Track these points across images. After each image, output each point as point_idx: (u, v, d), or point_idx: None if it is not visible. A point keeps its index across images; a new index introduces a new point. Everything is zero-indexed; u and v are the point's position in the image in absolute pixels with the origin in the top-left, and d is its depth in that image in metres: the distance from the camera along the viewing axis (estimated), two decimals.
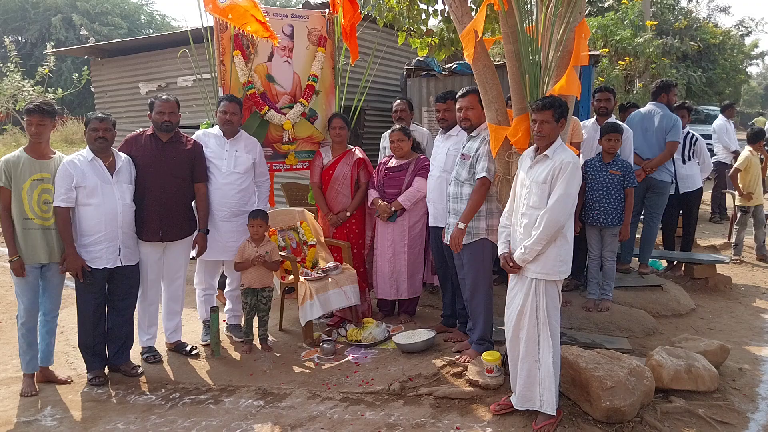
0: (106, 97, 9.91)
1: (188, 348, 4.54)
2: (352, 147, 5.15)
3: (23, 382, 3.96)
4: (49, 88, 15.16)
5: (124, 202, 4.03)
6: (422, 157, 4.99)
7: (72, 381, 4.11)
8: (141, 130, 4.40)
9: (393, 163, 4.96)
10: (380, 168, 5.02)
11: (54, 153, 3.98)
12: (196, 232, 4.44)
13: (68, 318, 4.92)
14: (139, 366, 4.25)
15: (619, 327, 4.81)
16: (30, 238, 3.84)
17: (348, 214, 5.04)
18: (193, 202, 4.45)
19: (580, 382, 3.47)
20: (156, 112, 4.22)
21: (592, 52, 6.17)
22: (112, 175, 3.99)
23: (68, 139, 18.92)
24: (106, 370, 4.16)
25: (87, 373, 4.11)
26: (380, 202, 4.86)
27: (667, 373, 3.64)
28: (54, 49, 13.50)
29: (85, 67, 14.61)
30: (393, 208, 4.81)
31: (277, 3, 35.34)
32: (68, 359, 4.49)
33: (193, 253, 4.51)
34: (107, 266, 4.00)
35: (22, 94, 14.79)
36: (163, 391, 3.97)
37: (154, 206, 4.20)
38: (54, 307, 4.08)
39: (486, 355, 3.79)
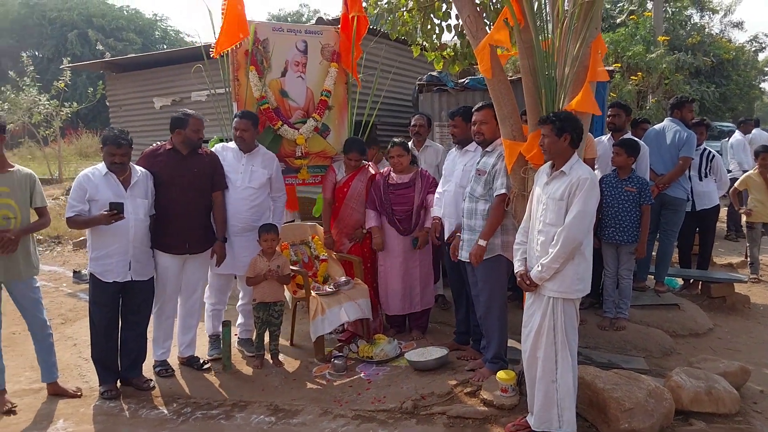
0: (120, 111, 10.00)
1: (201, 362, 4.51)
2: (365, 163, 5.14)
3: None
4: (64, 102, 15.36)
5: (137, 217, 4.00)
6: (424, 171, 4.99)
7: (81, 394, 4.09)
8: (159, 144, 4.41)
9: (396, 179, 4.92)
10: (381, 184, 4.95)
11: (13, 166, 3.86)
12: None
13: (80, 330, 4.92)
14: (151, 380, 4.22)
15: (635, 346, 4.73)
16: None
17: (364, 231, 5.02)
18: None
19: (598, 403, 3.41)
20: (192, 129, 4.22)
21: (606, 68, 6.14)
22: (126, 190, 3.99)
23: (83, 152, 19.13)
24: (119, 384, 4.14)
25: (99, 386, 4.09)
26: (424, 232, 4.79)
27: (687, 394, 3.56)
28: (70, 64, 13.67)
29: (100, 82, 14.80)
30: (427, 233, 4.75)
31: (288, 19, 35.73)
32: (80, 372, 4.48)
33: (213, 263, 4.51)
34: (117, 280, 3.98)
35: (38, 108, 15.02)
36: (175, 405, 3.94)
37: (179, 220, 4.21)
38: (40, 326, 3.99)
39: (501, 374, 3.73)
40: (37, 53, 26.97)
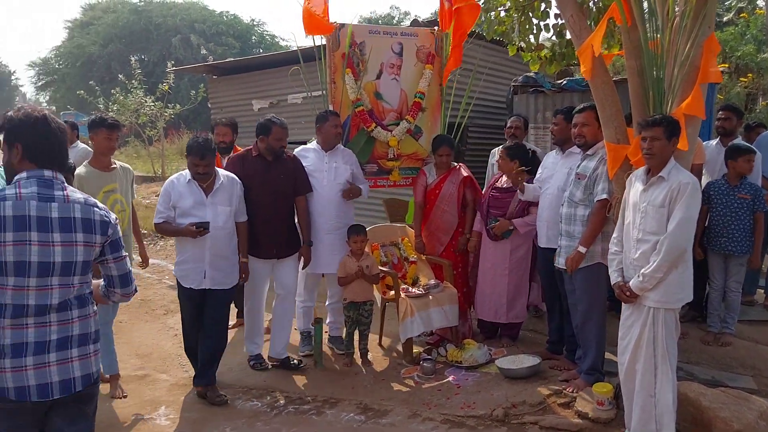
0: (221, 113, 10.43)
1: (294, 362, 4.53)
2: (456, 164, 5.10)
3: (110, 384, 4.10)
4: (168, 104, 16.23)
5: (215, 225, 3.89)
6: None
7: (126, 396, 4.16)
8: (245, 149, 4.53)
9: (503, 183, 4.83)
10: (491, 184, 4.91)
11: (115, 163, 4.03)
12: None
13: None
14: (224, 395, 4.02)
15: (742, 364, 4.44)
16: None
17: (468, 236, 4.93)
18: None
19: (702, 421, 3.23)
20: (275, 138, 4.28)
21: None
22: (207, 197, 3.95)
23: (183, 152, 20.05)
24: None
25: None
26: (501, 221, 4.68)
27: None
28: (174, 68, 14.42)
29: (201, 85, 15.52)
30: (511, 227, 4.65)
31: (380, 21, 36.09)
32: (180, 362, 4.70)
33: (300, 266, 4.60)
34: (192, 286, 3.95)
35: (144, 109, 15.96)
36: (268, 398, 4.07)
37: (267, 225, 4.29)
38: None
39: (597, 387, 3.59)
40: (143, 57, 28.63)
